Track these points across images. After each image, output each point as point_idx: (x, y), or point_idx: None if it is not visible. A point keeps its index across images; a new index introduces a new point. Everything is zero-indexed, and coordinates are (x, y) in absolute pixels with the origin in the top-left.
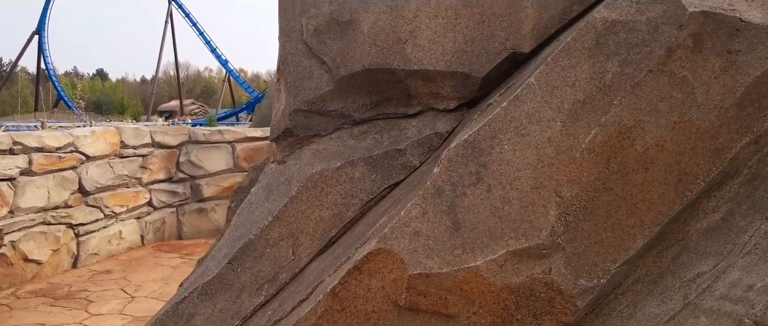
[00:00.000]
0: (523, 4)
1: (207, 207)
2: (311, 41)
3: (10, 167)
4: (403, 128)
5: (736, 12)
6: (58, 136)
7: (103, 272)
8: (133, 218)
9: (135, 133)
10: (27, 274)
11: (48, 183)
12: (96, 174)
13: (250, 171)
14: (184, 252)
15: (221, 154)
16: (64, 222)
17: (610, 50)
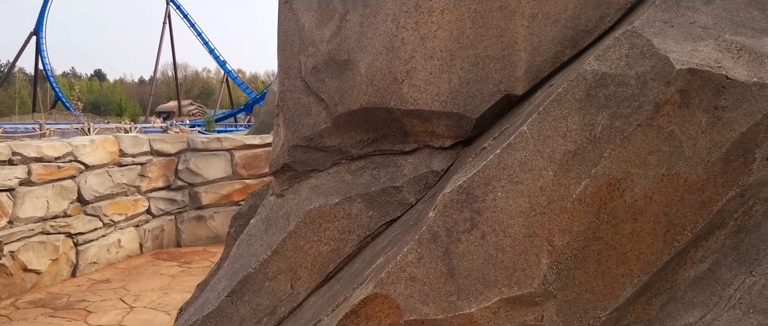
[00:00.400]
0: (516, 47)
1: (205, 214)
2: (309, 79)
3: (10, 178)
4: (399, 165)
5: (722, 69)
6: (57, 145)
7: (102, 281)
8: (131, 226)
9: (134, 141)
10: (26, 284)
11: (47, 193)
12: (95, 183)
13: (250, 197)
14: (182, 260)
15: (220, 161)
16: (63, 232)
17: (601, 103)
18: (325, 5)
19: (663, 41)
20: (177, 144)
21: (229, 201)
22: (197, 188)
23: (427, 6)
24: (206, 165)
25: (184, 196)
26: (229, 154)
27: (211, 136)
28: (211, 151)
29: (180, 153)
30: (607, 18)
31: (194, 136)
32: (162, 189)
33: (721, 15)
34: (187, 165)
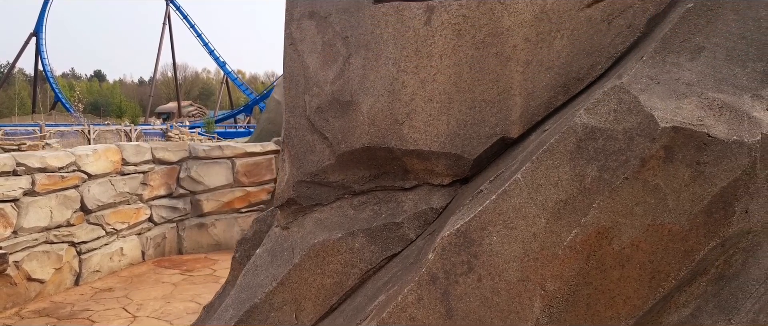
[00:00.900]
0: (511, 92)
1: (207, 222)
2: (314, 118)
3: (14, 188)
4: (400, 201)
5: (704, 127)
6: (60, 156)
7: (105, 290)
8: (134, 234)
9: (136, 150)
10: (30, 293)
11: (50, 203)
12: (98, 193)
13: (254, 223)
14: (184, 268)
15: (221, 169)
16: (66, 241)
17: (590, 155)
18: (329, 48)
19: (649, 98)
20: (178, 152)
21: (231, 208)
22: (198, 196)
23: (427, 51)
24: (207, 173)
25: (186, 204)
26: (230, 162)
27: (213, 144)
28: (212, 158)
29: (181, 161)
30: (598, 66)
31: (196, 144)
32: (164, 197)
33: (705, 71)
34: (188, 173)
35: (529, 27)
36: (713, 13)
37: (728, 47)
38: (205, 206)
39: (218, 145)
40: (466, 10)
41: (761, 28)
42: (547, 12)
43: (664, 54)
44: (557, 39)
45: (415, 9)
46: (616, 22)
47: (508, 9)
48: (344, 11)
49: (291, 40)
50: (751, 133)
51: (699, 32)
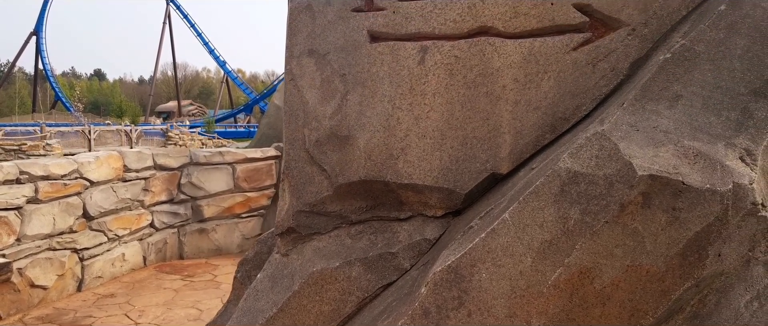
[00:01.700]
0: (501, 130)
1: (207, 227)
2: (313, 150)
3: (17, 196)
4: (395, 231)
5: (679, 175)
6: (63, 163)
7: (107, 295)
8: (135, 240)
9: (137, 156)
10: (33, 300)
11: (53, 210)
12: (100, 199)
13: (256, 244)
14: (185, 273)
15: (221, 175)
16: (68, 248)
17: (573, 198)
18: (327, 84)
19: (628, 146)
20: (179, 158)
21: (231, 213)
22: (199, 201)
23: (421, 89)
24: (208, 179)
25: (187, 209)
26: (230, 168)
27: (213, 150)
28: (213, 164)
29: (182, 167)
30: (583, 107)
31: (196, 150)
32: (165, 202)
33: (682, 119)
34: (189, 178)
35: (517, 68)
36: (690, 63)
37: (704, 96)
38: (205, 211)
39: (219, 150)
40: (457, 50)
41: (735, 78)
42: (534, 54)
43: (644, 101)
44: (544, 80)
45: (409, 49)
46: (600, 65)
47: (497, 50)
48: (342, 49)
49: (291, 75)
50: (724, 182)
51: (677, 81)
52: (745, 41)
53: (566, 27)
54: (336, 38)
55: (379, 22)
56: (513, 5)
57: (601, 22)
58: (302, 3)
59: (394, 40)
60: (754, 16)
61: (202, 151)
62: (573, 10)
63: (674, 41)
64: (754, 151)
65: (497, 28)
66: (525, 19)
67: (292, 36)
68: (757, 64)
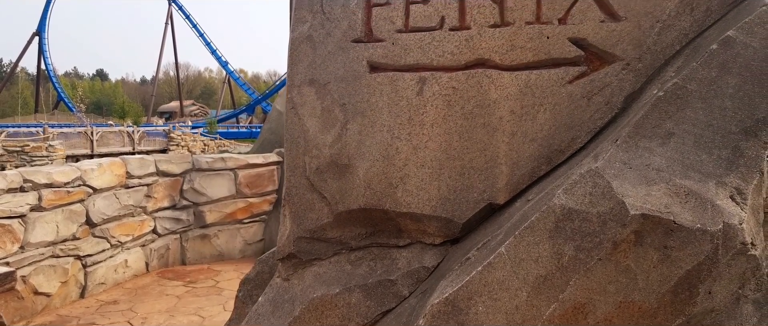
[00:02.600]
0: (498, 161)
1: (210, 233)
2: (313, 178)
3: (21, 204)
4: (394, 258)
5: (670, 214)
6: (66, 171)
7: (110, 302)
8: (138, 246)
9: (140, 163)
10: (37, 307)
11: (57, 218)
12: (102, 206)
13: (256, 264)
14: (187, 279)
15: (223, 181)
16: (72, 255)
17: (568, 235)
18: (327, 113)
19: (621, 184)
20: (182, 164)
21: (233, 219)
22: (202, 207)
23: (419, 119)
24: (210, 185)
25: (189, 215)
26: (232, 174)
27: (215, 156)
28: (215, 170)
29: (185, 173)
30: (578, 140)
31: (199, 156)
32: (167, 208)
33: (674, 157)
34: (191, 184)
35: (514, 100)
36: (683, 101)
37: (696, 134)
38: (208, 217)
39: (221, 156)
40: (455, 82)
41: (726, 116)
42: (531, 87)
43: (637, 138)
44: (540, 112)
45: (408, 80)
46: (595, 98)
47: (494, 82)
48: (342, 79)
49: (292, 104)
50: (714, 222)
51: (669, 118)
52: (736, 80)
53: (562, 60)
54: (336, 68)
55: (378, 53)
56: (509, 38)
57: (596, 55)
58: (303, 33)
59: (393, 70)
60: (745, 55)
61: (205, 156)
62: (568, 43)
63: (668, 76)
64: (744, 189)
65: (494, 61)
66: (521, 52)
67: (294, 65)
68: (748, 103)
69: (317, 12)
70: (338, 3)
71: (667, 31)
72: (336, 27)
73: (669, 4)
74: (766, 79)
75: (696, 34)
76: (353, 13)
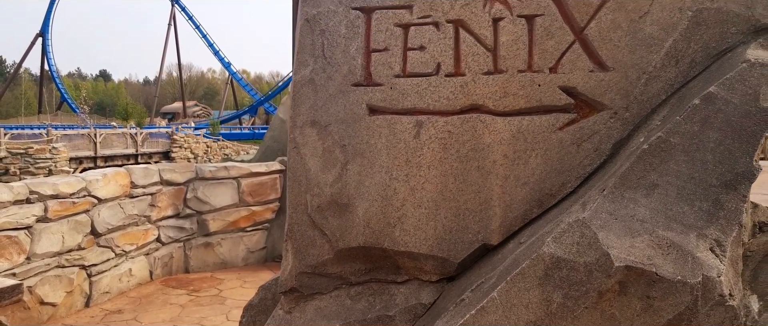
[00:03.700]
0: (491, 203)
1: (213, 241)
2: (314, 215)
3: (27, 216)
4: (393, 294)
5: (653, 266)
6: (71, 182)
7: (114, 311)
8: (142, 255)
9: (144, 172)
10: (43, 317)
11: (62, 228)
12: (107, 216)
13: (259, 291)
14: (191, 287)
15: (227, 189)
16: (77, 265)
17: (556, 283)
18: (328, 154)
19: (607, 236)
20: (185, 173)
21: (236, 227)
22: (205, 215)
23: (416, 161)
24: (214, 193)
25: (193, 224)
26: (235, 182)
27: (219, 165)
28: (218, 179)
29: (188, 182)
30: (568, 184)
31: (202, 165)
32: (171, 217)
33: (657, 208)
34: (195, 193)
35: (507, 145)
36: (666, 154)
37: (679, 186)
38: (211, 225)
39: (224, 165)
40: (451, 126)
41: (708, 169)
42: (523, 132)
43: (622, 189)
44: (532, 157)
45: (405, 123)
46: (584, 145)
47: (488, 127)
48: (342, 121)
49: (294, 144)
50: (694, 274)
51: (653, 170)
52: (717, 135)
53: (553, 107)
54: (337, 110)
55: (377, 97)
56: (502, 85)
57: (585, 103)
58: (305, 76)
59: (391, 114)
60: (726, 111)
61: (208, 165)
62: (559, 91)
63: (654, 125)
64: (723, 242)
65: (488, 106)
66: (514, 99)
67: (296, 106)
68: (728, 157)
69: (319, 56)
70: (339, 48)
71: (654, 82)
72: (337, 71)
73: (655, 56)
74: (746, 135)
75: (681, 85)
76: (353, 58)
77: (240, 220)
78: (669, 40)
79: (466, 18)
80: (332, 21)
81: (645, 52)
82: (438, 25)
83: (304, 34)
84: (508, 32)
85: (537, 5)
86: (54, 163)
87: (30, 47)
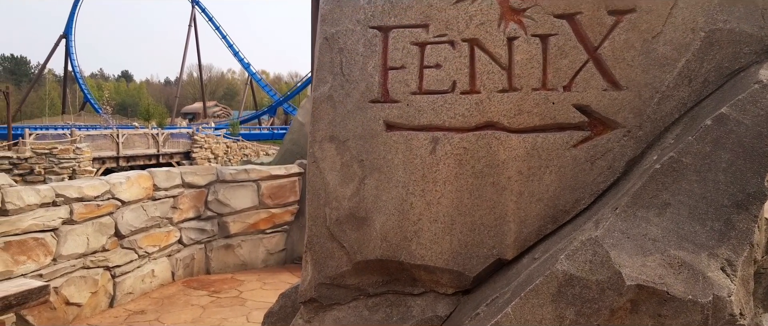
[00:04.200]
0: (506, 219)
1: (233, 243)
2: (333, 228)
3: (54, 218)
4: (409, 305)
5: (664, 285)
6: (96, 185)
7: (137, 312)
8: (164, 256)
9: (166, 175)
10: (68, 317)
11: (87, 230)
12: (131, 218)
13: (279, 298)
14: (212, 289)
15: (247, 192)
16: (101, 266)
17: (569, 299)
18: (346, 168)
19: (619, 254)
20: (207, 176)
21: (256, 229)
22: (225, 218)
23: (432, 177)
24: (234, 196)
25: (213, 226)
26: (255, 185)
27: (239, 168)
28: (238, 182)
29: (209, 184)
30: (582, 201)
31: (222, 168)
32: (192, 219)
33: (669, 227)
34: (216, 196)
35: (521, 161)
36: (678, 174)
37: (691, 205)
38: (231, 227)
39: (244, 168)
40: (466, 143)
41: (719, 190)
42: (537, 149)
43: (635, 208)
44: (546, 174)
45: (421, 139)
46: (598, 163)
47: (503, 144)
48: (360, 137)
49: (314, 158)
50: (704, 294)
51: (666, 189)
52: (729, 155)
53: (567, 125)
54: (355, 126)
55: (394, 114)
56: (517, 103)
57: (599, 121)
58: (324, 93)
59: (407, 130)
60: (738, 132)
61: (228, 168)
62: (573, 109)
63: (667, 143)
64: (734, 261)
65: (502, 124)
66: (528, 117)
67: (316, 122)
68: (740, 177)
69: (337, 74)
70: (357, 66)
71: (667, 101)
72: (354, 88)
73: (668, 76)
74: (757, 155)
75: (694, 103)
76: (371, 76)
77: (260, 222)
78: (682, 59)
79: (481, 37)
80: (350, 39)
81: (658, 72)
82: (453, 43)
83: (323, 52)
84: (523, 51)
85: (551, 25)
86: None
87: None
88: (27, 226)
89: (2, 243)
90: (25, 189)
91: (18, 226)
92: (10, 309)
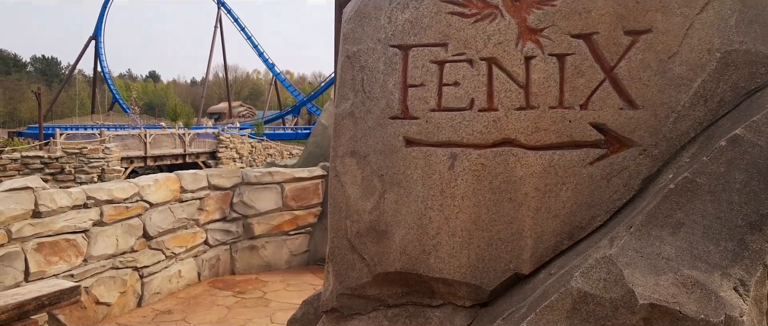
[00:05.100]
0: (523, 234)
1: (258, 244)
2: (354, 241)
3: (85, 220)
4: (428, 317)
5: (677, 305)
6: (125, 187)
7: (164, 312)
8: (190, 257)
9: (193, 178)
10: (98, 316)
11: (117, 232)
12: (158, 220)
13: (302, 305)
14: (237, 289)
15: (271, 194)
16: (130, 266)
17: (583, 316)
18: (367, 183)
19: (632, 273)
20: (232, 178)
21: (280, 231)
22: (250, 219)
23: (451, 192)
24: (258, 198)
25: (238, 227)
26: (279, 187)
27: (263, 170)
28: (263, 184)
29: (235, 187)
30: (597, 218)
31: (247, 170)
32: (218, 221)
33: (683, 247)
34: (241, 198)
35: (538, 178)
36: (692, 194)
37: (705, 225)
38: (256, 229)
39: (268, 171)
40: (484, 159)
41: (733, 210)
42: (554, 166)
43: (649, 227)
44: (563, 191)
45: (440, 155)
46: (614, 180)
47: (520, 161)
48: (380, 152)
49: (335, 172)
50: (717, 313)
51: (680, 209)
52: (743, 176)
53: (583, 143)
54: (375, 142)
55: (413, 130)
56: (534, 121)
57: (615, 139)
58: (346, 109)
59: (426, 146)
60: (752, 153)
61: (253, 171)
62: (589, 127)
63: (682, 162)
64: (747, 281)
65: (520, 141)
66: (545, 134)
67: (337, 137)
68: (754, 198)
69: (358, 91)
70: (377, 83)
71: (682, 121)
72: (375, 105)
73: (684, 96)
74: None
75: (710, 122)
76: (391, 93)
77: (283, 224)
78: (698, 80)
79: (499, 56)
80: (371, 58)
81: (674, 92)
82: (472, 62)
83: (345, 69)
84: (540, 70)
85: (568, 44)
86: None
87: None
88: (59, 228)
89: (36, 244)
90: (58, 191)
91: (50, 228)
92: (43, 308)
